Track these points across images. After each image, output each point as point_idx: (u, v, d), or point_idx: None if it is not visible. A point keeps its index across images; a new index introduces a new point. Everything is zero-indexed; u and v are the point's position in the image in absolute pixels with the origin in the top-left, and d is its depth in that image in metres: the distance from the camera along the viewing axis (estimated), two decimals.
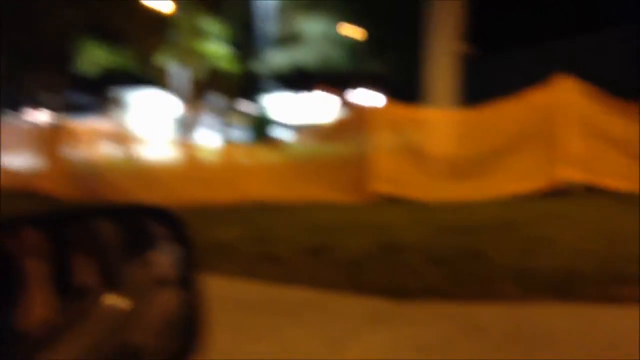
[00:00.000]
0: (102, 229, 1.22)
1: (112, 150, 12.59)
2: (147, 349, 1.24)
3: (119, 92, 28.39)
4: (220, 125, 25.06)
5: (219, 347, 3.74)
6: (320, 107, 31.33)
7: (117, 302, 1.23)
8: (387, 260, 5.46)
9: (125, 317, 1.26)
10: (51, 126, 19.58)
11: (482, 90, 14.81)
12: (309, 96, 33.34)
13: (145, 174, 11.05)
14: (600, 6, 24.35)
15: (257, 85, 26.92)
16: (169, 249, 1.24)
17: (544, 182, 8.61)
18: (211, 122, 25.47)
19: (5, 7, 16.52)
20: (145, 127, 24.99)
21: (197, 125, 20.63)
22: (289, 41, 27.52)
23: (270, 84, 26.69)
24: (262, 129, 23.19)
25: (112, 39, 18.84)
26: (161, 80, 19.23)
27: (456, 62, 11.16)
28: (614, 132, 8.53)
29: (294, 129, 22.06)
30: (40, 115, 27.52)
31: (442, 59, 11.03)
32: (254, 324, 4.11)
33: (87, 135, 12.30)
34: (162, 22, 18.03)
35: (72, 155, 12.10)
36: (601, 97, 8.62)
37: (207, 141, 20.48)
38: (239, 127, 26.48)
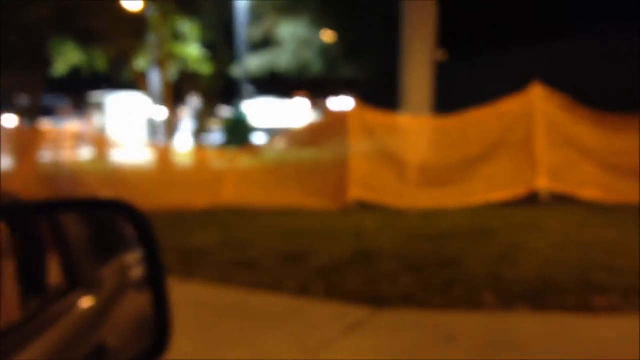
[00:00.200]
0: (68, 226, 1.22)
1: (86, 152, 12.47)
2: (114, 348, 1.25)
3: (95, 95, 28.08)
4: (197, 129, 24.93)
5: (193, 353, 3.75)
6: (296, 112, 31.36)
7: (84, 301, 1.24)
8: (362, 267, 5.50)
9: (92, 316, 1.27)
10: (24, 128, 19.31)
11: (453, 96, 14.98)
12: (285, 101, 33.35)
13: (119, 177, 10.95)
14: (573, 13, 24.76)
15: (234, 89, 26.84)
16: (137, 248, 1.23)
17: (517, 190, 8.72)
18: (188, 126, 25.34)
19: None
20: (120, 130, 24.78)
21: (174, 128, 20.49)
22: (265, 45, 27.50)
23: (247, 88, 26.63)
24: (239, 133, 23.10)
25: (87, 40, 18.63)
26: (138, 83, 19.06)
27: (432, 69, 11.27)
28: (585, 142, 8.68)
29: (271, 133, 22.03)
30: (13, 116, 27.09)
31: (418, 65, 11.12)
32: (229, 329, 4.12)
33: (60, 137, 12.15)
34: (140, 24, 17.88)
35: (44, 157, 11.95)
36: (573, 106, 8.77)
37: (184, 145, 20.37)
38: (215, 131, 26.37)
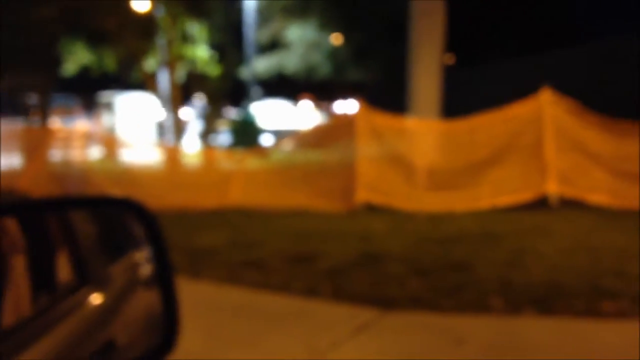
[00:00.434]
0: (78, 224, 1.23)
1: (96, 152, 12.53)
2: (123, 345, 1.25)
3: (105, 95, 28.24)
4: (204, 130, 25.01)
5: (201, 352, 3.75)
6: (304, 114, 31.41)
7: (93, 298, 1.25)
8: (370, 269, 5.49)
9: (102, 313, 1.27)
10: (34, 127, 19.43)
11: (461, 101, 14.95)
12: (293, 103, 33.41)
13: (128, 177, 11.00)
14: (582, 19, 24.72)
15: (242, 91, 26.92)
16: (145, 246, 1.24)
17: (526, 195, 8.69)
18: (197, 127, 25.42)
19: None
20: (130, 130, 24.90)
21: (183, 129, 20.57)
22: (273, 47, 27.58)
23: (255, 90, 26.71)
24: (247, 135, 23.16)
25: (97, 41, 18.72)
26: (147, 83, 19.12)
27: (440, 72, 11.26)
28: (594, 147, 8.65)
29: (278, 135, 22.07)
30: (24, 116, 27.26)
31: (427, 69, 11.11)
32: (237, 329, 4.12)
33: (70, 136, 12.22)
34: (149, 26, 17.95)
35: (54, 156, 12.02)
36: (582, 111, 8.75)
37: (193, 146, 20.43)
38: (224, 133, 26.45)
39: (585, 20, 24.82)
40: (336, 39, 28.00)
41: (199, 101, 24.85)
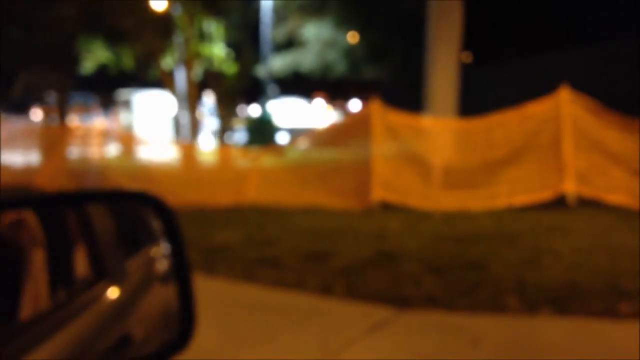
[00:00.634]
0: (96, 219, 1.24)
1: (113, 150, 12.64)
2: (139, 339, 1.26)
3: (123, 93, 28.43)
4: (221, 128, 25.08)
5: (215, 349, 3.76)
6: (320, 112, 31.39)
7: (110, 292, 1.26)
8: (385, 268, 5.48)
9: (118, 307, 1.28)
10: (53, 125, 19.62)
11: (477, 99, 14.88)
12: (309, 101, 33.41)
13: (145, 174, 11.08)
14: (601, 19, 24.48)
15: (258, 89, 26.97)
16: (162, 241, 1.24)
17: (543, 194, 8.62)
18: (213, 125, 25.50)
19: (2, 2, 16.54)
20: (147, 128, 25.05)
21: (199, 127, 20.65)
22: (289, 45, 27.59)
23: (271, 88, 26.75)
24: (263, 133, 23.20)
25: (115, 39, 18.86)
26: (165, 81, 19.22)
27: (457, 71, 11.21)
28: (613, 146, 8.55)
29: (294, 133, 22.09)
30: (42, 113, 27.54)
31: (443, 67, 11.08)
32: (252, 327, 4.13)
33: (88, 134, 12.34)
34: (167, 24, 18.05)
35: (72, 153, 12.15)
36: (601, 111, 8.66)
37: (209, 144, 20.51)
38: (240, 130, 26.51)
39: (604, 19, 24.57)
40: (352, 37, 27.95)
41: (209, 99, 24.85)
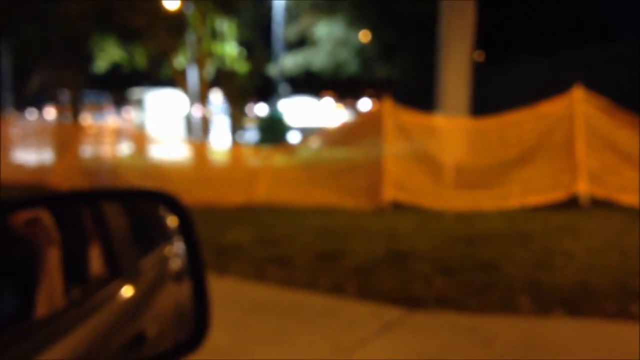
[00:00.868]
0: (110, 217, 1.25)
1: (125, 148, 12.70)
2: (153, 338, 1.26)
3: (135, 92, 28.57)
4: (233, 126, 25.13)
5: (227, 348, 3.77)
6: (331, 112, 31.38)
7: (125, 290, 1.26)
8: (397, 267, 5.47)
9: (132, 306, 1.28)
10: (66, 123, 19.74)
11: (490, 98, 14.79)
12: (320, 100, 33.41)
13: (157, 173, 11.12)
14: (614, 18, 24.31)
15: (270, 88, 27.01)
16: (176, 240, 1.25)
17: (556, 194, 8.57)
18: (224, 124, 25.54)
19: (17, 1, 16.68)
20: (159, 126, 25.16)
21: (211, 126, 20.70)
22: (301, 44, 27.61)
23: (283, 87, 26.78)
24: (274, 132, 23.23)
25: (128, 37, 18.96)
26: (177, 80, 19.30)
27: (469, 70, 11.17)
28: (627, 146, 8.47)
29: (305, 132, 22.10)
30: (56, 112, 27.72)
31: (456, 66, 11.04)
32: (263, 326, 4.14)
33: (101, 133, 12.40)
34: (179, 23, 18.12)
35: (85, 152, 12.22)
36: (615, 110, 8.59)
37: (220, 142, 20.56)
38: (251, 129, 26.55)
39: (617, 18, 24.40)
40: (364, 36, 27.93)
41: (216, 98, 24.83)
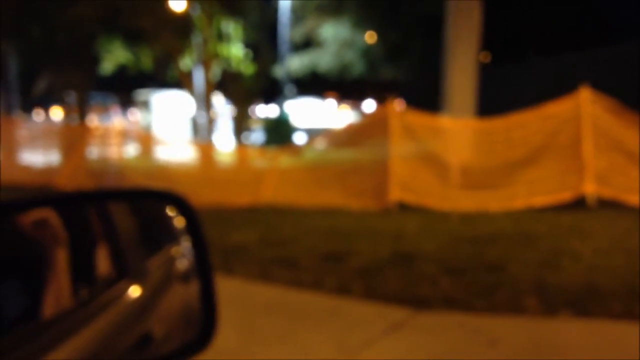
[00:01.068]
0: (118, 217, 1.25)
1: (131, 149, 12.73)
2: (160, 338, 1.26)
3: (141, 93, 28.63)
4: (238, 128, 25.15)
5: (233, 349, 3.78)
6: (337, 112, 31.38)
7: (132, 291, 1.27)
8: (403, 268, 5.46)
9: (139, 306, 1.29)
10: (72, 124, 19.81)
11: (496, 99, 14.77)
12: (326, 101, 33.41)
13: (163, 174, 11.15)
14: (619, 19, 24.23)
15: (276, 89, 27.03)
16: (183, 241, 1.25)
17: (563, 195, 8.55)
18: (230, 125, 25.57)
19: (24, 2, 16.76)
20: (165, 128, 25.21)
21: (217, 127, 20.74)
22: (307, 46, 27.63)
23: (289, 89, 26.80)
24: (280, 133, 23.25)
25: (134, 39, 19.02)
26: (183, 82, 19.35)
27: (475, 71, 11.15)
28: (634, 147, 8.44)
29: (311, 133, 22.11)
30: (62, 113, 27.82)
31: (462, 67, 11.03)
32: (269, 327, 4.14)
33: (107, 134, 12.45)
34: (186, 25, 18.17)
35: (92, 153, 12.26)
36: (621, 111, 8.56)
37: (226, 144, 20.59)
38: (257, 131, 26.57)
39: (623, 18, 24.31)
40: (370, 37, 27.92)
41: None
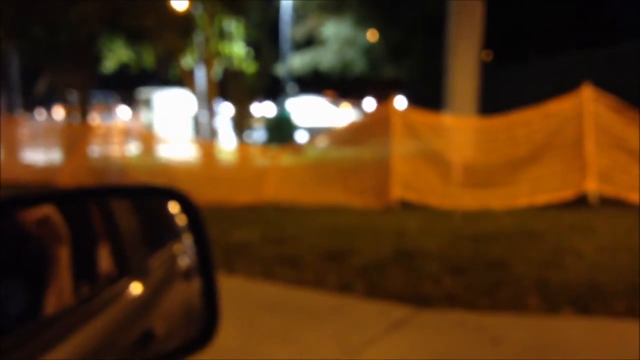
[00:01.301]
0: (119, 215, 1.25)
1: (133, 148, 12.74)
2: (162, 335, 1.26)
3: (143, 92, 28.64)
4: (239, 126, 25.15)
5: (235, 347, 3.78)
6: (339, 111, 31.36)
7: (133, 288, 1.27)
8: (405, 266, 5.46)
9: (141, 303, 1.28)
10: (74, 123, 19.83)
11: (498, 98, 14.76)
12: (328, 99, 33.38)
13: (165, 173, 11.15)
14: (621, 18, 24.20)
15: (277, 87, 27.02)
16: (184, 238, 1.24)
17: (565, 193, 8.54)
18: (232, 123, 25.57)
19: (26, 2, 16.76)
20: (167, 126, 25.22)
21: (218, 125, 20.74)
22: (309, 44, 27.61)
23: (291, 87, 26.79)
24: (282, 131, 23.24)
25: (136, 38, 19.02)
26: (185, 80, 19.35)
27: (478, 69, 11.14)
28: (636, 145, 8.43)
29: (313, 132, 22.10)
30: (64, 112, 27.84)
31: (464, 66, 11.02)
32: (271, 325, 4.14)
33: (109, 133, 12.45)
34: (187, 23, 18.17)
35: (94, 151, 12.28)
36: (623, 109, 8.55)
37: (228, 142, 20.59)
38: (259, 129, 26.56)
39: (624, 18, 24.28)
40: (372, 36, 27.90)
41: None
